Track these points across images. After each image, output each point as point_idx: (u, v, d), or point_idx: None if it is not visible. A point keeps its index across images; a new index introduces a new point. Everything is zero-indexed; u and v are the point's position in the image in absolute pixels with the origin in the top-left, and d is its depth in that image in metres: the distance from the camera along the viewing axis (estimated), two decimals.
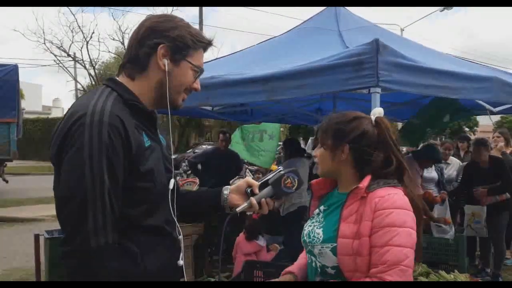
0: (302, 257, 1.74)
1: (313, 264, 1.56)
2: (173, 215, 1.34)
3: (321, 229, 1.53)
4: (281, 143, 6.82)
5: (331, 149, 1.53)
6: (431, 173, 5.28)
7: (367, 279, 1.39)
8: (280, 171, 1.48)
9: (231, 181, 6.36)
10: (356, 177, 1.52)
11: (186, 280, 1.43)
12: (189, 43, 1.32)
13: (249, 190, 1.46)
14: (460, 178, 5.27)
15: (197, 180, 6.39)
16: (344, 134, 1.51)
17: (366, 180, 1.46)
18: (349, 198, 1.48)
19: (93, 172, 1.12)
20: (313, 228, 1.57)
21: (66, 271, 1.16)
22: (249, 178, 1.52)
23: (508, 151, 5.38)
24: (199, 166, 6.23)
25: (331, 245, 1.45)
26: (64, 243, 1.14)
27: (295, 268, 1.71)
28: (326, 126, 1.56)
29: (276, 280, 1.70)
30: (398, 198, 1.43)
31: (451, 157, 5.95)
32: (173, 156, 1.43)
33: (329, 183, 1.67)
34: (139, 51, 1.30)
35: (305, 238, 1.59)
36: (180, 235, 1.38)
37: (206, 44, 1.39)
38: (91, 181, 1.12)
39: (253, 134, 7.08)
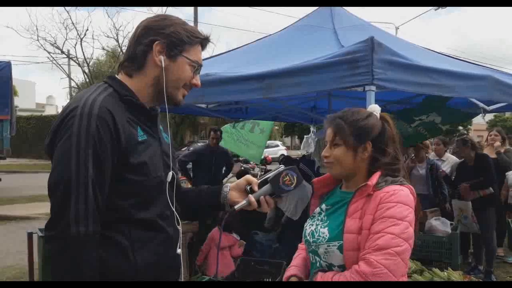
0: (300, 255, 1.73)
1: (317, 264, 1.55)
2: (172, 208, 1.36)
3: (326, 228, 1.52)
4: (273, 141, 6.82)
5: (354, 148, 1.50)
6: (420, 170, 5.24)
7: (355, 265, 1.40)
8: (280, 168, 1.48)
9: (224, 180, 6.38)
10: (366, 174, 1.52)
11: (183, 271, 1.44)
12: (184, 39, 1.35)
13: (248, 188, 1.47)
14: (454, 177, 5.30)
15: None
16: (366, 131, 1.50)
17: (375, 178, 1.47)
18: (356, 195, 1.48)
19: (78, 161, 1.16)
20: (316, 228, 1.56)
21: (48, 255, 1.19)
22: (249, 176, 1.53)
23: (502, 150, 5.43)
24: (189, 165, 6.25)
25: (338, 243, 1.45)
26: (47, 228, 1.18)
27: (297, 270, 1.69)
28: (343, 125, 1.51)
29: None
30: (403, 194, 1.44)
31: (446, 154, 5.90)
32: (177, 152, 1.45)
33: (331, 181, 1.66)
34: (136, 50, 1.34)
35: (308, 238, 1.58)
36: (179, 225, 1.40)
37: (202, 39, 1.40)
38: (76, 170, 1.16)
39: (245, 123, 7.04)
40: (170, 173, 1.38)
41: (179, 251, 1.39)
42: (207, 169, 5.97)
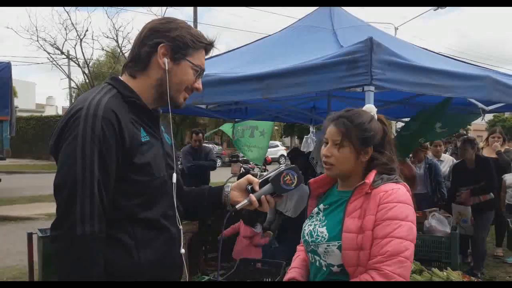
0: (299, 256, 1.73)
1: (317, 263, 1.56)
2: (174, 208, 1.37)
3: (325, 227, 1.53)
4: (273, 141, 6.85)
5: (358, 150, 1.52)
6: (418, 170, 5.27)
7: (365, 274, 1.39)
8: (281, 168, 1.49)
9: (226, 180, 6.44)
10: (362, 174, 1.53)
11: (186, 270, 1.45)
12: (189, 43, 1.37)
13: (249, 187, 1.48)
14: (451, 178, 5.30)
15: None
16: (371, 137, 1.52)
17: (371, 176, 1.48)
18: (354, 194, 1.49)
19: (84, 162, 1.17)
20: (314, 228, 1.56)
21: (54, 255, 1.20)
22: (250, 175, 1.54)
23: (502, 150, 5.44)
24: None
25: (338, 243, 1.46)
26: (53, 228, 1.19)
27: (297, 272, 1.69)
28: (351, 127, 1.52)
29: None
30: (401, 193, 1.45)
31: (443, 155, 5.96)
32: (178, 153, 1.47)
33: (327, 181, 1.67)
34: (141, 51, 1.36)
35: (307, 238, 1.58)
36: (180, 225, 1.41)
37: (207, 44, 1.42)
38: (81, 170, 1.17)
39: (243, 130, 7.03)
40: (174, 175, 1.39)
41: (183, 250, 1.40)
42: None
